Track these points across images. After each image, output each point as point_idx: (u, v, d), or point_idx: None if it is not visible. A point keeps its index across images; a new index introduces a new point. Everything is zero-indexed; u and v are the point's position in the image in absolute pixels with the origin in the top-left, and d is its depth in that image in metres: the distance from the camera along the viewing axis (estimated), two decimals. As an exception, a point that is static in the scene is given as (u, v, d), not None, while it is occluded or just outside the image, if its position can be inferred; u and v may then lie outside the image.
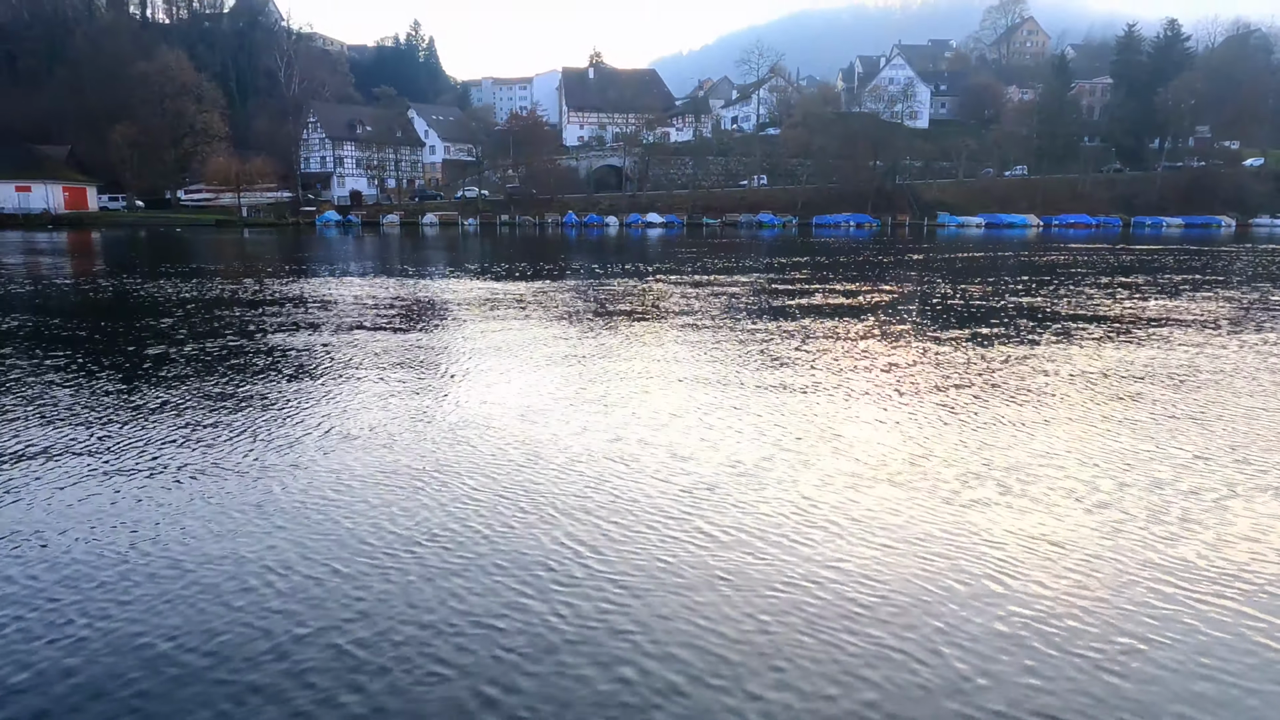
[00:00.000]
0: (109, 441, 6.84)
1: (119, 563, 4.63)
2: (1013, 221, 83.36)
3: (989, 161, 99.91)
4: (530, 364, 10.36)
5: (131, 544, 4.87)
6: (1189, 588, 4.39)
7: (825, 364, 10.32)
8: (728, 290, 19.92)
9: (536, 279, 23.15)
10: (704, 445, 6.77)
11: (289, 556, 4.71)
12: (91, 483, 5.86)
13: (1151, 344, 11.83)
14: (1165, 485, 5.86)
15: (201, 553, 4.76)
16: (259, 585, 4.37)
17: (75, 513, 5.33)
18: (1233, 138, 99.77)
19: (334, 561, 4.65)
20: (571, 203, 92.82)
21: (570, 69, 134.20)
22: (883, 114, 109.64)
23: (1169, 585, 4.40)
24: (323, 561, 4.65)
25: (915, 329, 13.38)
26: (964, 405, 8.13)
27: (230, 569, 4.56)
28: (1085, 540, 4.93)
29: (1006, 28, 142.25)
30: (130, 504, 5.48)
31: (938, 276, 24.13)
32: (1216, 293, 19.22)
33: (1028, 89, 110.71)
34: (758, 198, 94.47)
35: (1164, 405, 8.17)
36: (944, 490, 5.73)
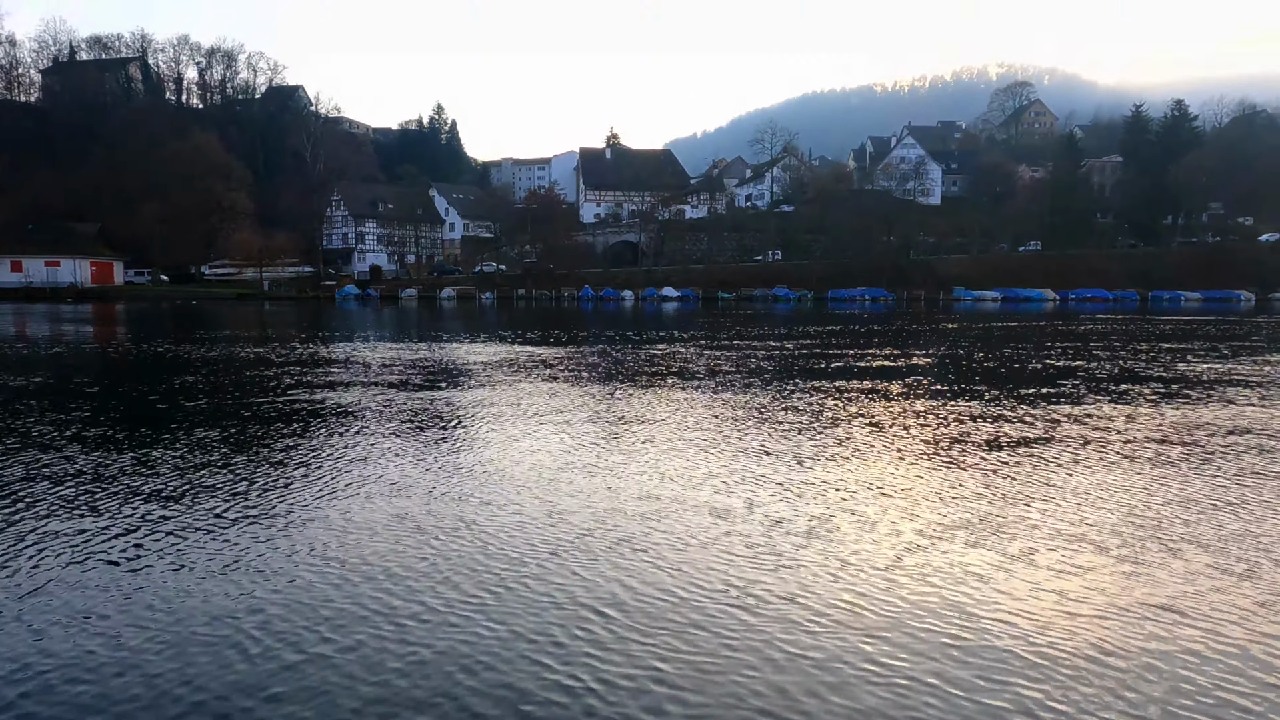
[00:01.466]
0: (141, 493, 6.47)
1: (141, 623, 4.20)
2: (1029, 296, 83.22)
3: (1002, 237, 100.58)
4: (555, 423, 9.98)
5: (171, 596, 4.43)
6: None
7: (861, 426, 9.88)
8: (749, 357, 19.60)
9: (554, 345, 22.96)
10: (738, 503, 6.32)
11: (285, 616, 4.26)
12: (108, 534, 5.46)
13: (1206, 404, 11.32)
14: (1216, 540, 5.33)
15: (204, 611, 4.32)
16: (248, 643, 3.92)
17: (92, 558, 4.92)
18: (1246, 214, 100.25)
19: (355, 623, 4.20)
20: (587, 277, 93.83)
21: (588, 149, 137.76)
22: (895, 191, 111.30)
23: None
24: (331, 621, 4.20)
25: (950, 392, 12.93)
26: (1021, 464, 7.65)
27: (228, 630, 4.11)
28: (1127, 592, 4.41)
29: (1014, 109, 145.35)
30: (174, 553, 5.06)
31: (967, 343, 23.74)
32: (1266, 358, 18.67)
33: (1038, 167, 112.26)
34: (773, 272, 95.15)
35: (1228, 463, 7.66)
36: (1014, 551, 5.23)
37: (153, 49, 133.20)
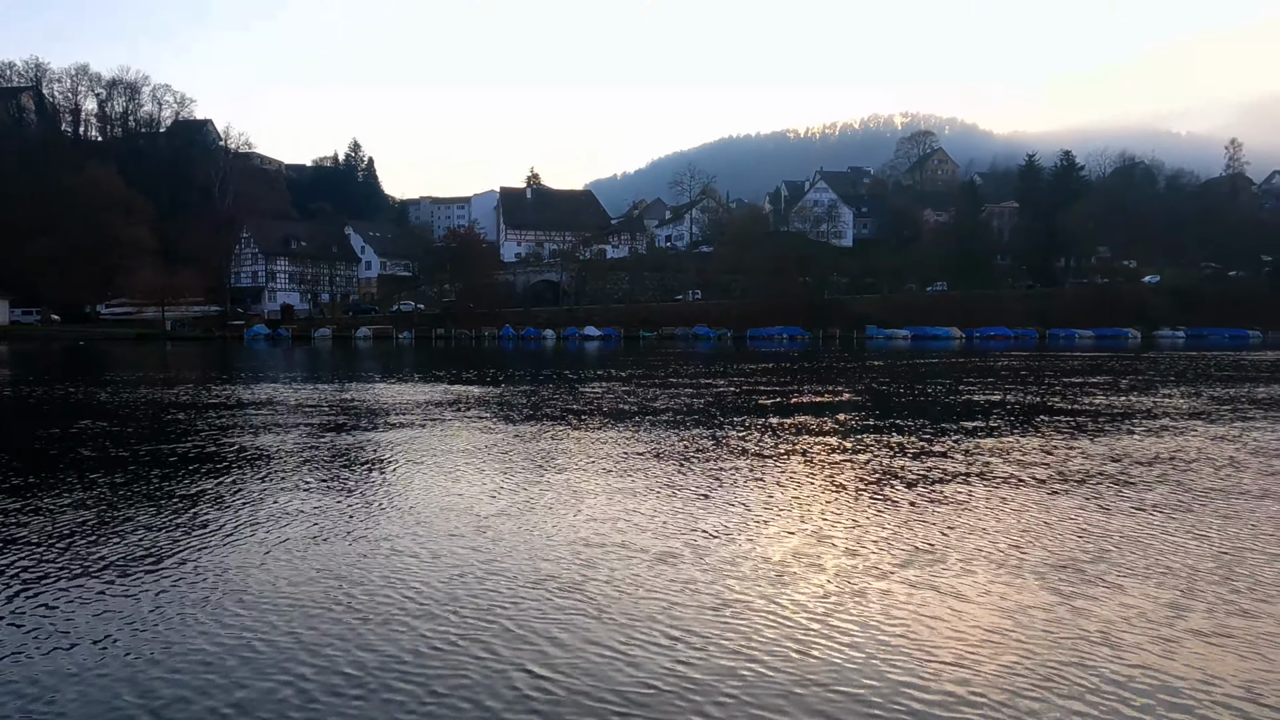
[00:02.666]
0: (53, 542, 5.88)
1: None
2: (938, 334, 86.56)
3: (911, 278, 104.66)
4: (482, 465, 9.68)
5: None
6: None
7: (794, 463, 9.92)
8: (676, 395, 19.62)
9: (476, 384, 22.50)
10: (679, 545, 6.19)
11: (174, 695, 3.89)
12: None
13: (1116, 436, 11.83)
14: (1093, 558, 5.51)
15: (94, 669, 3.90)
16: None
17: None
18: (1130, 257, 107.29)
19: (255, 682, 3.86)
20: (508, 316, 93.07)
21: (508, 189, 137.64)
22: (810, 233, 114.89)
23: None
24: (223, 698, 3.85)
25: (876, 427, 13.18)
26: (959, 492, 7.78)
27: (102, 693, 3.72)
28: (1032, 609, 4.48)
29: (919, 157, 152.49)
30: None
31: (888, 379, 24.38)
32: (1167, 389, 19.79)
33: (942, 212, 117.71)
34: (693, 311, 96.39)
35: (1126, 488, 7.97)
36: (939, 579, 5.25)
37: (48, 78, 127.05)
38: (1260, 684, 3.98)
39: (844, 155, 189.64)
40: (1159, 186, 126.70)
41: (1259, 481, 8.86)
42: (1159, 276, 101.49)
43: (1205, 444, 11.57)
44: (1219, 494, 8.24)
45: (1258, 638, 4.53)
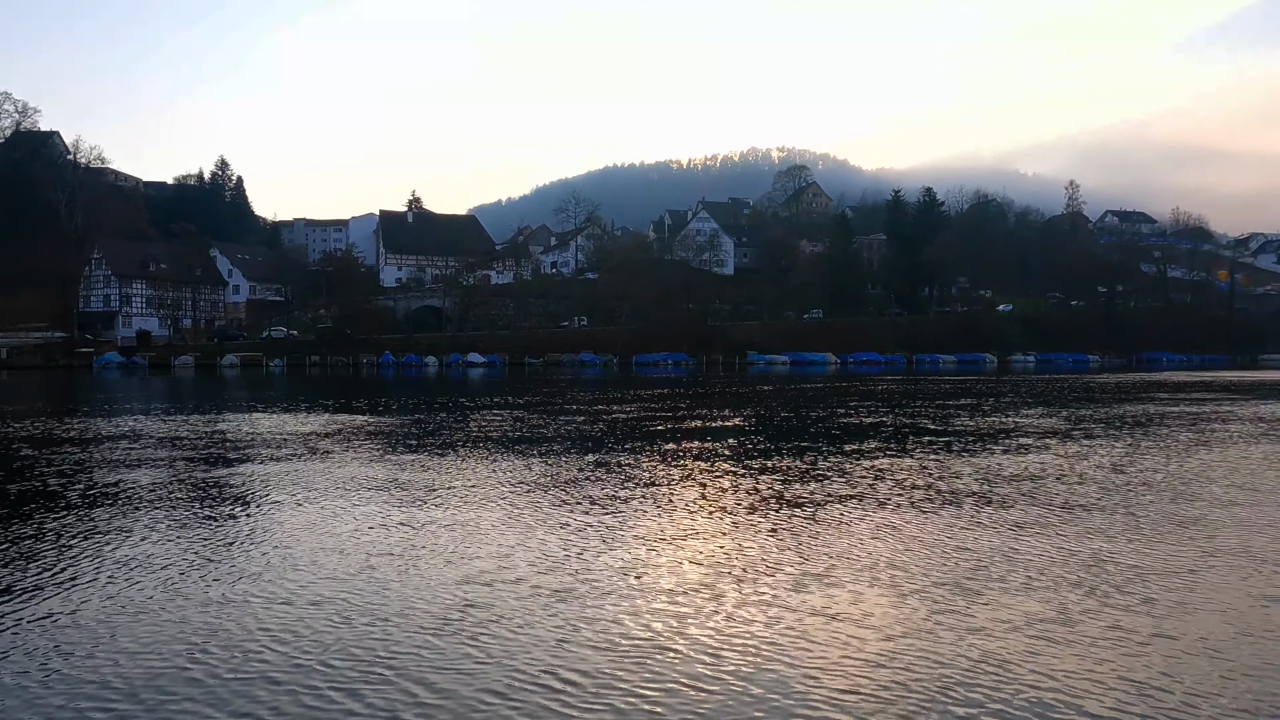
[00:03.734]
0: None
1: None
2: (814, 359, 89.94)
3: (789, 305, 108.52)
4: (359, 501, 9.16)
5: None
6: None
7: (683, 489, 9.91)
8: (567, 422, 19.39)
9: (352, 414, 21.52)
10: (573, 580, 6.00)
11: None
12: None
13: (989, 454, 12.47)
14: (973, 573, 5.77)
15: None
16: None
17: None
18: (987, 287, 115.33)
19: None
20: (389, 343, 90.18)
21: (389, 212, 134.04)
22: (692, 261, 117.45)
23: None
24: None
25: (765, 450, 13.39)
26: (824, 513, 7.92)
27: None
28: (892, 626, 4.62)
29: (795, 189, 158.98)
30: None
31: (775, 403, 24.97)
32: (1026, 410, 21.12)
33: (817, 243, 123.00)
34: (579, 338, 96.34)
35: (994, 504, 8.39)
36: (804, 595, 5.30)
37: None
38: (1143, 685, 4.18)
39: (725, 186, 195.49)
40: (1010, 222, 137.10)
41: (1113, 495, 9.52)
42: (1011, 306, 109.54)
43: (1063, 461, 12.38)
44: (1081, 508, 8.78)
45: (1132, 644, 4.78)
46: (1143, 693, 4.13)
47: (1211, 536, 7.50)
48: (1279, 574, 6.25)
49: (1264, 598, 5.65)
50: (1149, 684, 4.24)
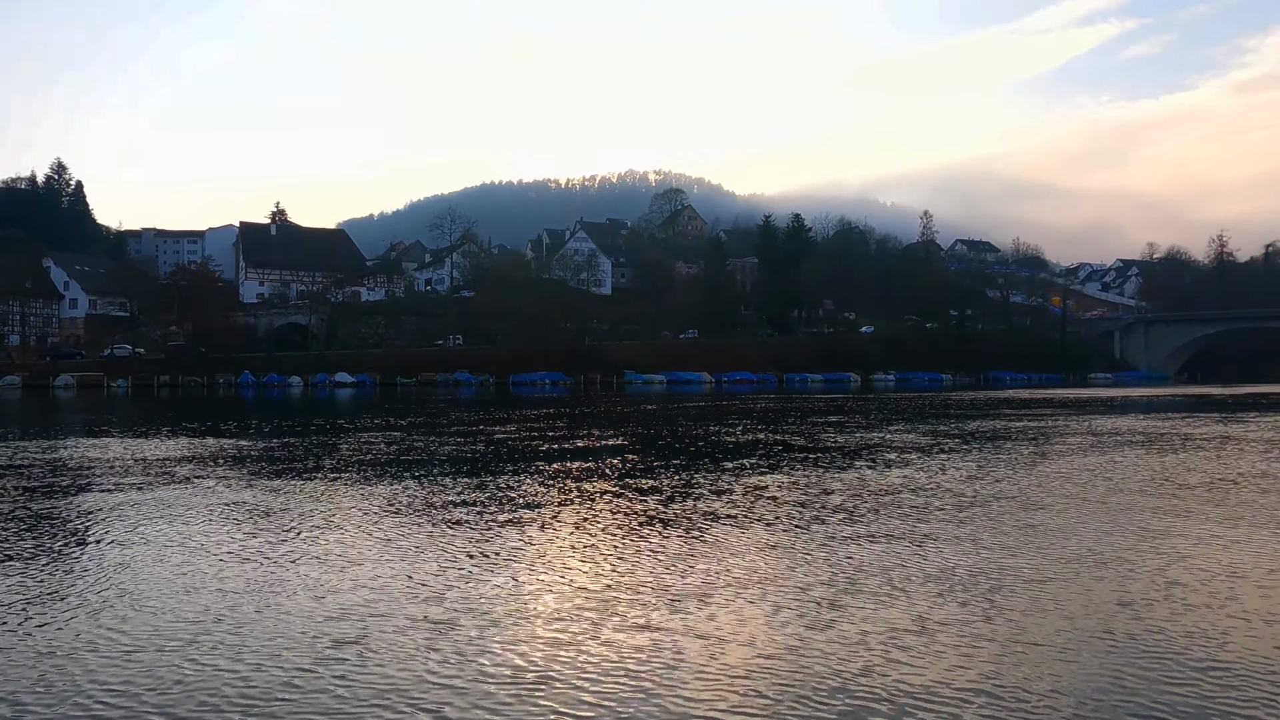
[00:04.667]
0: None
1: None
2: (690, 378, 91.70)
3: (666, 325, 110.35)
4: (211, 531, 8.51)
5: None
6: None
7: (568, 511, 9.77)
8: (443, 443, 18.82)
9: (201, 436, 20.08)
10: (457, 609, 5.76)
11: None
12: None
13: (864, 468, 12.97)
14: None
15: None
16: None
17: None
18: (851, 309, 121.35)
19: None
20: (249, 362, 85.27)
21: (250, 224, 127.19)
22: (570, 281, 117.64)
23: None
24: None
25: (651, 469, 13.42)
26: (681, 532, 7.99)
27: None
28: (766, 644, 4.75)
29: (671, 212, 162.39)
30: None
31: (657, 422, 25.14)
32: (892, 426, 22.17)
33: (693, 264, 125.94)
34: (455, 357, 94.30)
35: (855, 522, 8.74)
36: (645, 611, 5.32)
37: None
38: (1003, 688, 4.39)
39: (603, 207, 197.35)
40: (871, 248, 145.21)
41: (971, 507, 10.11)
42: (873, 327, 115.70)
43: (924, 474, 13.06)
44: (941, 520, 9.26)
45: (992, 649, 5.03)
46: (1003, 697, 4.36)
47: (1063, 543, 8.08)
48: (1127, 578, 6.79)
49: (1118, 603, 6.10)
50: (1009, 688, 4.48)
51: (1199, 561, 7.33)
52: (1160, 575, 6.85)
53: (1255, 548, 7.92)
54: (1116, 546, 7.94)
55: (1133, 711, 4.20)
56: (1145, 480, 12.64)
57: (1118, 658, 4.93)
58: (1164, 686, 4.50)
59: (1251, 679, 4.60)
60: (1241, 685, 4.51)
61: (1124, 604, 6.03)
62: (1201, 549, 7.85)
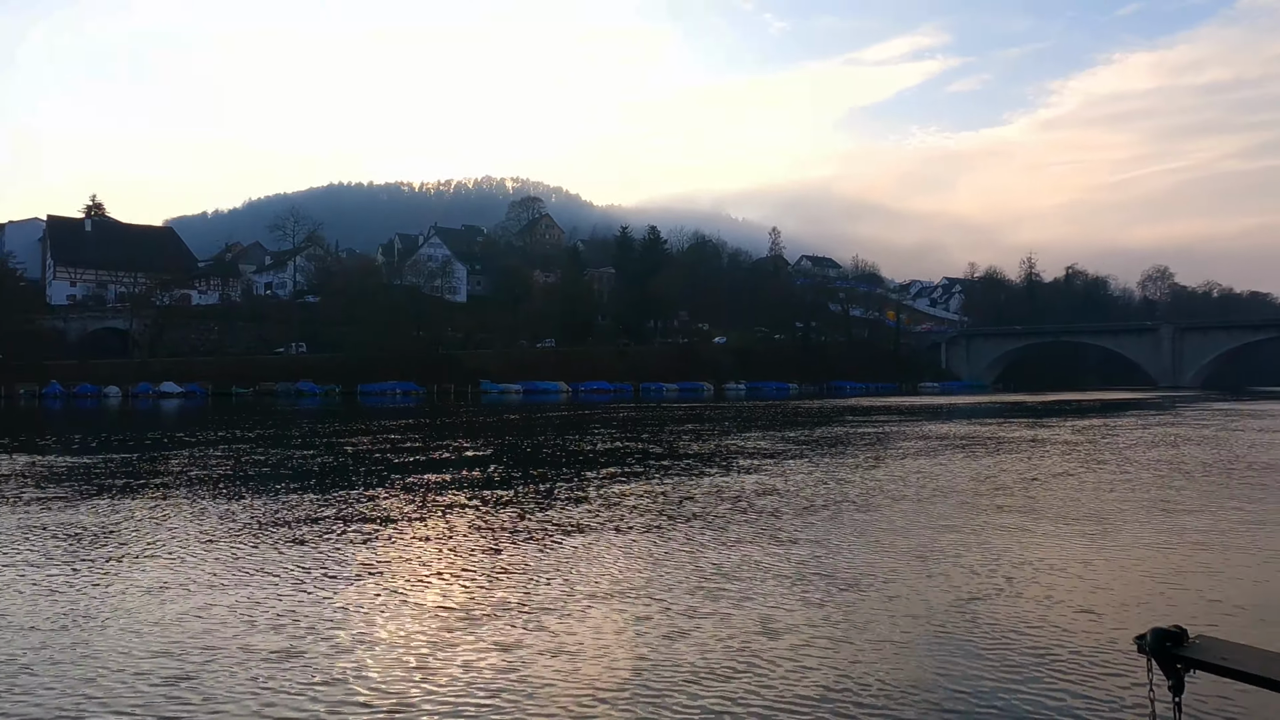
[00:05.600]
0: None
1: None
2: (547, 388, 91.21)
3: (523, 334, 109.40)
4: (15, 559, 7.56)
5: None
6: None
7: (424, 523, 9.41)
8: (285, 455, 17.68)
9: (8, 454, 17.89)
10: (304, 638, 5.39)
11: None
12: None
13: (701, 474, 13.27)
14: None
15: None
16: None
17: None
18: (704, 321, 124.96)
19: None
20: (59, 370, 77.04)
21: (59, 218, 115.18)
22: (424, 288, 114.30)
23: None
24: None
25: (511, 479, 13.15)
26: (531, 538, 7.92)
27: None
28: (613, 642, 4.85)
29: (529, 220, 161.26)
30: None
31: (509, 433, 24.68)
32: (748, 433, 22.84)
33: (550, 273, 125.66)
34: (297, 366, 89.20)
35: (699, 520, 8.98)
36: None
37: None
38: (847, 680, 4.60)
39: (458, 213, 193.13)
40: (724, 261, 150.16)
41: (822, 509, 10.59)
42: (725, 338, 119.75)
43: (777, 479, 13.58)
44: (792, 521, 9.65)
45: (841, 644, 5.27)
46: (854, 694, 4.58)
47: (902, 541, 8.62)
48: (959, 573, 7.31)
49: (954, 598, 6.55)
50: (859, 686, 4.71)
51: (1016, 556, 8.04)
52: (986, 569, 7.45)
53: (1061, 541, 8.78)
54: (947, 544, 8.56)
55: (973, 701, 4.52)
56: (969, 481, 13.73)
57: (954, 650, 5.31)
58: (990, 676, 4.88)
59: (1074, 663, 5.07)
60: (1065, 670, 4.97)
61: (958, 599, 6.50)
62: (1018, 544, 8.61)
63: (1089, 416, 36.90)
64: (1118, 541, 8.83)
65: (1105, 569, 7.55)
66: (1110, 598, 6.57)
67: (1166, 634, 2.45)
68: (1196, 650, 2.42)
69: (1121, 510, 10.88)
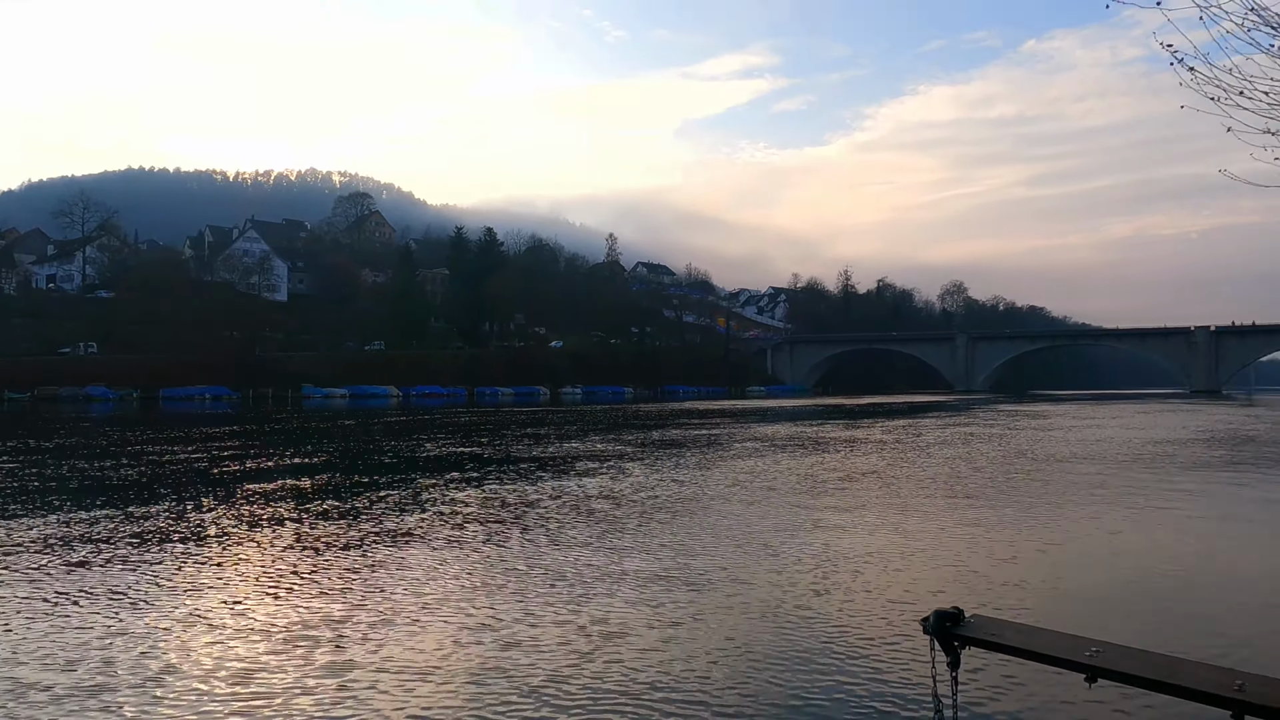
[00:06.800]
0: None
1: None
2: (376, 392, 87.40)
3: (350, 336, 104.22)
4: None
5: None
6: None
7: (224, 538, 8.63)
8: (59, 468, 15.72)
9: None
10: (95, 664, 4.73)
11: None
12: None
13: (536, 478, 13.09)
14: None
15: None
16: None
17: None
18: (541, 324, 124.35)
19: None
20: None
21: None
22: (239, 285, 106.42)
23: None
24: None
25: (318, 491, 12.33)
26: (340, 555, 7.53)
27: None
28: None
29: (357, 217, 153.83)
30: None
31: (337, 439, 23.28)
32: (594, 437, 22.77)
33: (380, 273, 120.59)
34: (88, 368, 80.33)
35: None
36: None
37: None
38: (678, 680, 4.64)
39: (279, 206, 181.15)
40: (561, 266, 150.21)
41: (661, 510, 10.73)
42: (562, 342, 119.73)
43: (614, 482, 13.65)
44: (639, 525, 9.70)
45: (682, 647, 5.32)
46: (670, 685, 4.63)
47: (735, 537, 8.88)
48: (796, 570, 7.60)
49: (784, 593, 6.79)
50: (672, 677, 4.78)
51: (834, 549, 8.54)
52: (809, 563, 7.84)
53: (872, 534, 9.43)
54: (776, 540, 8.95)
55: (788, 691, 4.70)
56: (795, 479, 14.46)
57: (773, 642, 5.54)
58: (803, 664, 5.11)
59: (872, 646, 5.41)
60: (863, 652, 5.29)
61: (783, 592, 6.79)
62: (836, 538, 9.14)
63: (897, 417, 40.02)
64: (922, 530, 9.61)
65: (910, 558, 8.17)
66: (913, 584, 7.12)
67: (946, 615, 2.65)
68: (970, 628, 2.67)
69: (924, 502, 11.84)
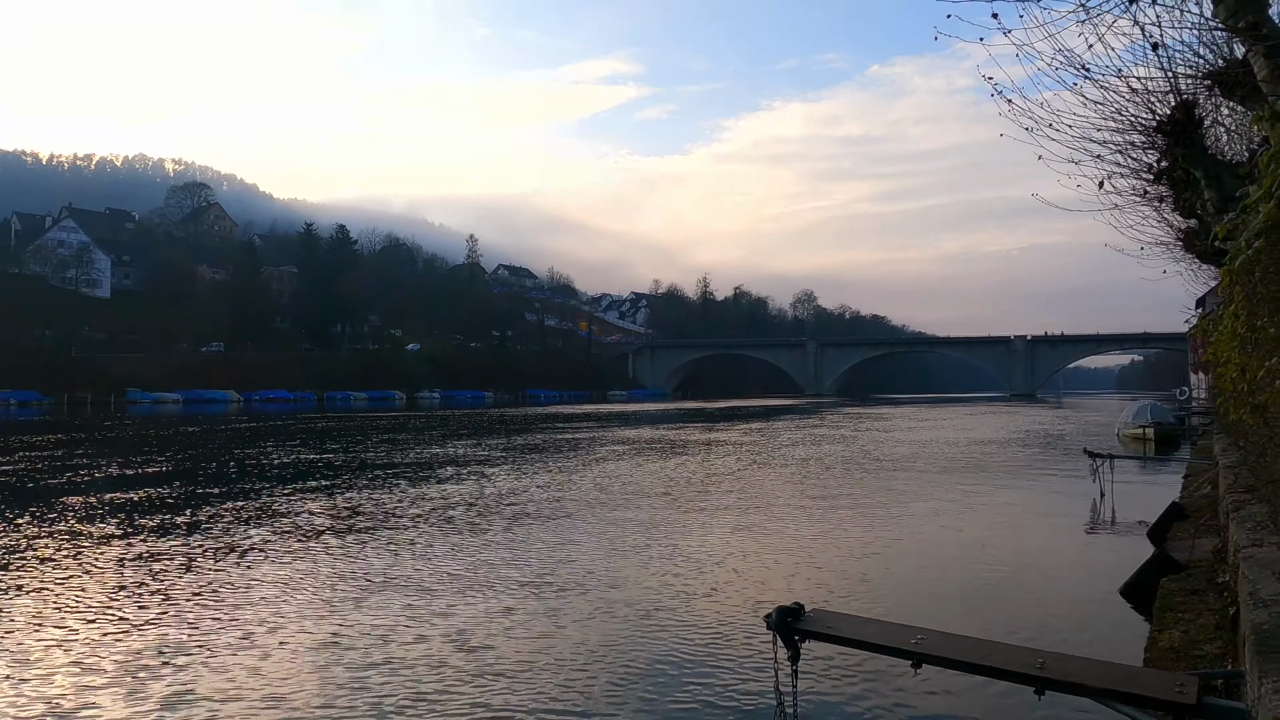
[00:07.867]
0: None
1: None
2: (214, 397, 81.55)
3: (184, 337, 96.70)
4: None
5: None
6: None
7: (53, 564, 7.62)
8: None
9: None
10: None
11: None
12: None
13: (425, 483, 12.45)
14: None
15: None
16: None
17: None
18: (397, 327, 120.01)
19: None
20: None
21: None
22: (52, 278, 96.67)
23: None
24: None
25: (176, 505, 11.19)
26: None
27: None
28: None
29: (194, 209, 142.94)
30: None
31: (164, 449, 21.28)
32: (452, 443, 21.91)
33: (220, 270, 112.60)
34: None
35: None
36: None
37: None
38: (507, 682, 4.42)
39: (102, 194, 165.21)
40: (419, 266, 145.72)
41: (525, 516, 10.42)
42: (419, 345, 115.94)
43: (478, 485, 13.22)
44: (499, 531, 9.37)
45: (548, 653, 5.10)
46: (525, 691, 4.44)
47: (599, 541, 8.74)
48: (656, 572, 7.53)
49: (658, 608, 6.69)
50: (524, 683, 4.59)
51: (692, 549, 8.64)
52: (669, 565, 7.85)
53: (729, 534, 9.62)
54: (638, 543, 8.93)
55: (641, 690, 4.61)
56: (658, 482, 14.54)
57: (633, 644, 5.48)
58: (659, 664, 5.06)
59: (723, 643, 5.43)
60: (714, 649, 5.30)
61: (643, 594, 6.74)
62: (695, 539, 9.24)
63: (753, 420, 41.35)
64: (779, 529, 9.90)
65: (767, 556, 8.38)
66: (769, 582, 7.26)
67: (788, 611, 2.67)
68: (808, 622, 2.66)
69: (780, 502, 12.19)
